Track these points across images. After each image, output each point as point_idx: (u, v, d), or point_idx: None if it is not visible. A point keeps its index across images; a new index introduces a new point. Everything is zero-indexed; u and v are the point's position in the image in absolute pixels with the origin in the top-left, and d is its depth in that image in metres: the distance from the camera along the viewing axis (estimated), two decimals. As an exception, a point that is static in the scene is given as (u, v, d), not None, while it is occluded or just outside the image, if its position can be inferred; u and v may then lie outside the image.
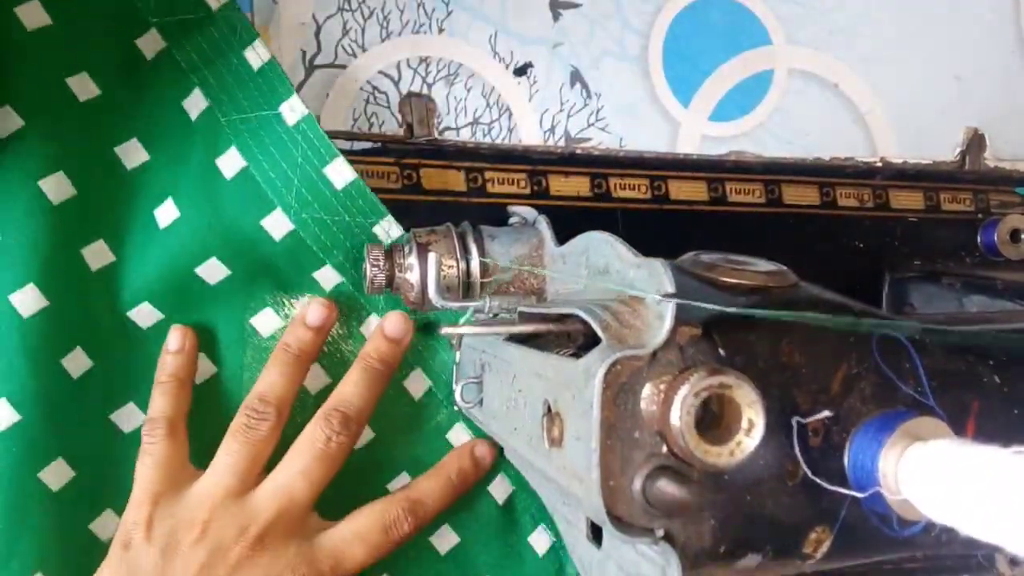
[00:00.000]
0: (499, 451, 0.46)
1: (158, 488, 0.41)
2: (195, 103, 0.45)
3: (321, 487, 0.41)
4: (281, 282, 0.45)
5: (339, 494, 0.43)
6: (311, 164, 0.44)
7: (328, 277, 0.45)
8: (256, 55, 0.44)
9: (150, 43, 0.46)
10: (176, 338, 0.44)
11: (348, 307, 0.46)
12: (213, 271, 0.44)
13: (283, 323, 0.45)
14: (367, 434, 0.46)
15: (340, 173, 0.44)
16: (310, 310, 0.44)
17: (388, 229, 0.45)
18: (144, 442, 0.42)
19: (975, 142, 0.59)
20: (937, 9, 0.60)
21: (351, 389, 0.43)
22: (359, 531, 0.41)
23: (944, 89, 0.60)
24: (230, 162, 0.44)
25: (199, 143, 0.45)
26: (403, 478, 0.46)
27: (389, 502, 0.43)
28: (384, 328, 0.45)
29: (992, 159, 0.59)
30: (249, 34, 0.45)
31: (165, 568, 0.38)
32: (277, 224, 0.44)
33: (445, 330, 0.36)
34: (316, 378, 0.46)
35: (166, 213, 0.45)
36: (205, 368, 0.45)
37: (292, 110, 0.44)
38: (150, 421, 0.42)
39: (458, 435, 0.47)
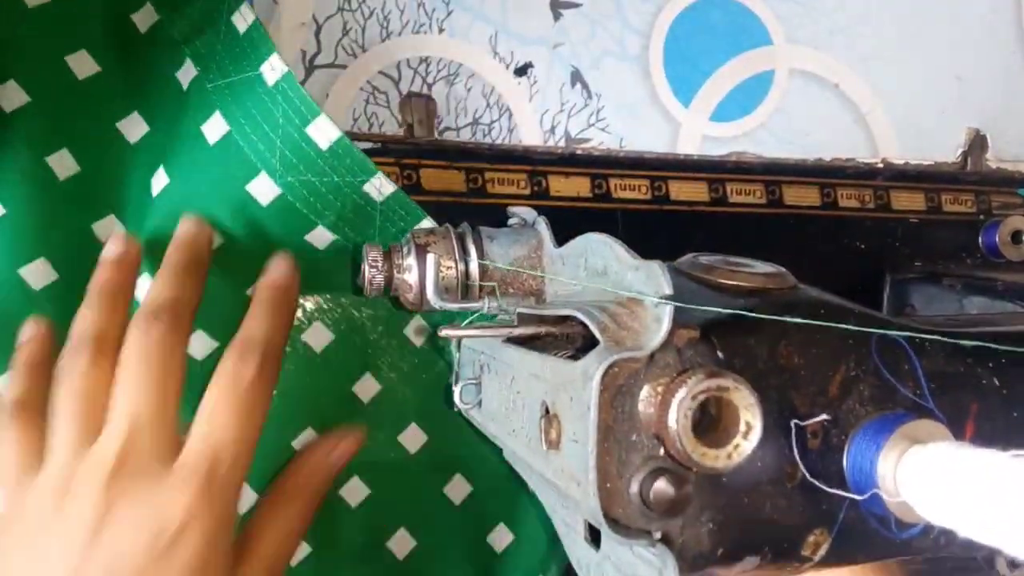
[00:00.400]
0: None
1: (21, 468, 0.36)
2: (186, 73, 0.45)
3: (165, 432, 0.36)
4: (275, 247, 0.44)
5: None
6: (292, 124, 0.43)
7: (321, 237, 0.45)
8: (242, 18, 0.44)
9: (145, 17, 0.46)
10: (31, 329, 0.41)
11: (342, 261, 0.45)
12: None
13: None
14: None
15: (323, 132, 0.43)
16: (111, 243, 0.42)
17: (379, 186, 0.44)
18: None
19: (976, 143, 0.59)
20: (938, 9, 0.59)
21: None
22: (211, 408, 0.37)
23: (945, 89, 0.60)
24: (214, 127, 0.44)
25: (189, 112, 0.45)
26: (413, 428, 0.47)
27: (223, 359, 0.39)
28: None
29: (994, 160, 0.59)
30: None
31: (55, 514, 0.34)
32: (263, 189, 0.43)
33: (444, 332, 0.36)
34: (319, 335, 0.46)
35: (158, 181, 0.45)
36: (207, 344, 0.44)
37: (272, 69, 0.43)
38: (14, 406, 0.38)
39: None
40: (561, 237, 0.40)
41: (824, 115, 0.58)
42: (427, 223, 0.45)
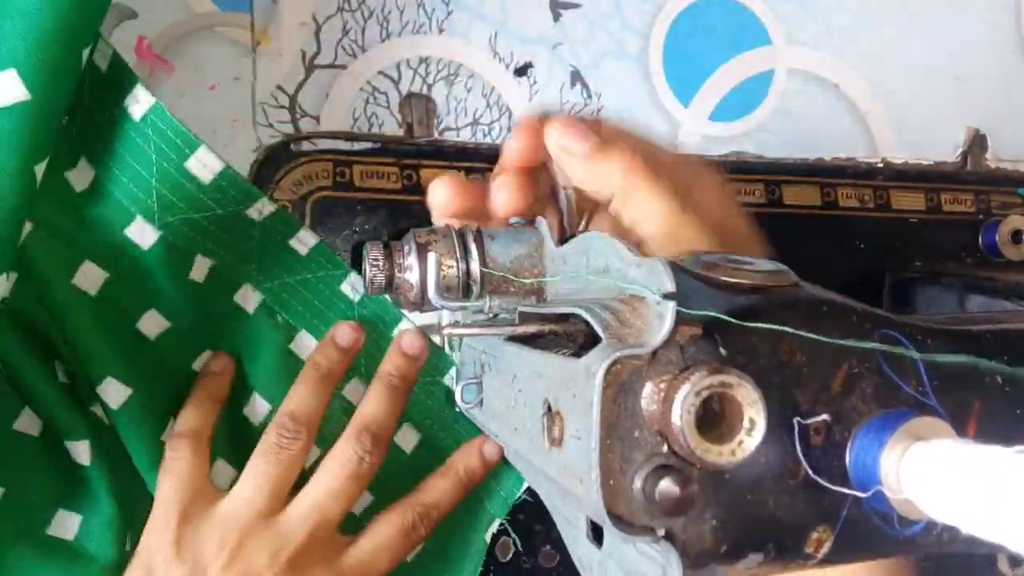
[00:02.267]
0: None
1: (183, 507, 0.40)
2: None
3: (350, 507, 0.42)
4: (158, 284, 0.43)
5: None
6: (168, 160, 0.41)
7: (201, 265, 0.44)
8: (102, 55, 0.41)
9: None
10: (220, 362, 0.44)
11: (221, 283, 0.45)
12: (90, 277, 0.41)
13: (168, 323, 0.44)
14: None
15: (205, 165, 0.41)
16: (339, 332, 0.45)
17: (261, 208, 0.44)
18: (167, 458, 0.41)
19: (976, 143, 0.59)
20: (937, 9, 0.60)
21: (374, 405, 0.43)
22: (381, 543, 0.42)
23: (945, 89, 0.60)
24: (81, 174, 0.41)
25: (56, 161, 0.40)
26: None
27: (405, 509, 0.43)
28: (401, 345, 0.45)
29: (993, 160, 0.59)
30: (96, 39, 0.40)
31: None
32: (142, 232, 0.42)
33: (447, 330, 0.36)
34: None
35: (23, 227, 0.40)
36: (121, 390, 0.42)
37: (137, 102, 0.41)
38: (177, 436, 0.42)
39: None
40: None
41: (824, 115, 0.58)
42: (305, 232, 0.45)
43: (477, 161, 0.50)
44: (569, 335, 0.33)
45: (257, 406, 0.45)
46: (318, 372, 0.44)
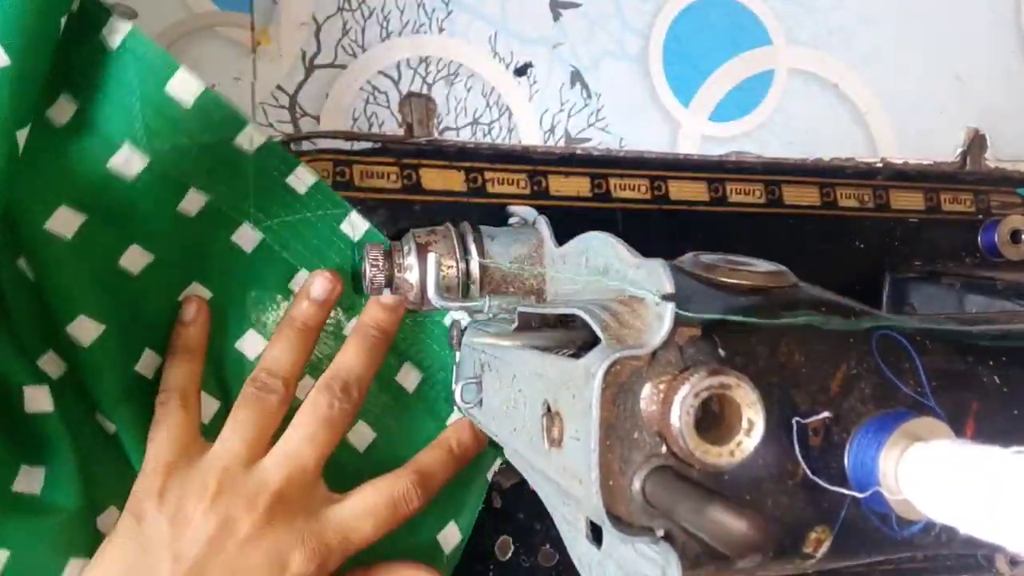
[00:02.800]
0: None
1: (170, 458, 0.40)
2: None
3: (327, 453, 0.42)
4: (144, 217, 0.42)
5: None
6: (150, 85, 0.40)
7: (194, 201, 0.43)
8: (79, 4, 0.40)
9: None
10: (190, 309, 0.44)
11: (218, 220, 0.44)
12: (65, 222, 0.41)
13: (152, 256, 0.43)
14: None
15: (186, 87, 0.40)
16: (314, 284, 0.44)
17: (251, 137, 0.43)
18: (157, 413, 0.42)
19: (976, 142, 0.59)
20: (937, 9, 0.60)
21: (350, 357, 0.43)
22: (368, 507, 0.42)
23: (944, 89, 0.60)
24: (62, 109, 0.41)
25: (41, 102, 0.40)
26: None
27: (397, 477, 0.43)
28: (380, 298, 0.45)
29: (993, 160, 0.59)
30: None
31: (175, 539, 0.38)
32: (129, 161, 0.41)
33: (462, 340, 0.36)
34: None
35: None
36: (92, 326, 0.42)
37: (113, 32, 0.40)
38: (164, 392, 0.42)
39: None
40: (561, 237, 0.40)
41: (824, 115, 0.58)
42: (304, 170, 0.45)
43: (477, 161, 0.50)
44: (568, 336, 0.33)
45: (251, 341, 0.45)
46: (292, 327, 0.44)
